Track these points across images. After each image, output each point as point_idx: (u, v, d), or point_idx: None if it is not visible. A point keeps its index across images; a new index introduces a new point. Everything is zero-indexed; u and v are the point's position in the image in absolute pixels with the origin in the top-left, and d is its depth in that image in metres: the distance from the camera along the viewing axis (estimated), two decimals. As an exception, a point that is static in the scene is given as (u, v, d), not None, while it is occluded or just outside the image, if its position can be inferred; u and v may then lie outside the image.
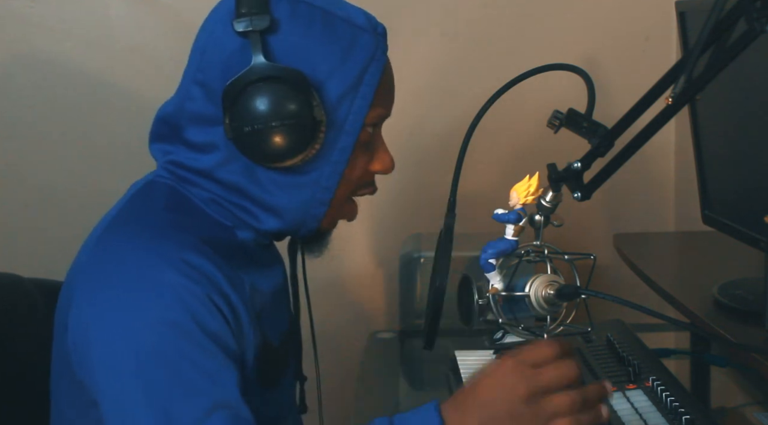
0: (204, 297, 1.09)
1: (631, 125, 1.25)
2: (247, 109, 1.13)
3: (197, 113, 1.20)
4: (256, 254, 1.26)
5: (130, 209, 1.22)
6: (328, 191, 1.21)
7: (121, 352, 1.07)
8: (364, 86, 1.19)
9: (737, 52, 1.13)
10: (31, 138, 2.16)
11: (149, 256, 1.11)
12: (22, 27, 2.12)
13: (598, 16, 2.21)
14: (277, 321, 1.30)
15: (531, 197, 1.29)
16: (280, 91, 1.13)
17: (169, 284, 1.09)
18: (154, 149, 1.27)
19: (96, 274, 1.13)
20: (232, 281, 1.15)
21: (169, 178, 1.24)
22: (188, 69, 1.23)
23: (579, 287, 1.27)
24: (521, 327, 1.31)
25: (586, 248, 2.20)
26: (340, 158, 1.20)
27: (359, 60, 1.19)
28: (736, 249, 1.66)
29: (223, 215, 1.22)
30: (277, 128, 1.13)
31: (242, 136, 1.15)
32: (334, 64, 1.17)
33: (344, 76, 1.18)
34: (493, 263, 1.30)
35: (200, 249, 1.13)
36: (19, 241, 2.17)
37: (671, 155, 2.28)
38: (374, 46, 1.21)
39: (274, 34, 1.16)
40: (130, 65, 2.15)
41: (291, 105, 1.13)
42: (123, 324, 1.08)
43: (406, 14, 2.15)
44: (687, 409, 1.31)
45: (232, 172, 1.20)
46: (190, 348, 1.07)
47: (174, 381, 1.05)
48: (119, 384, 1.07)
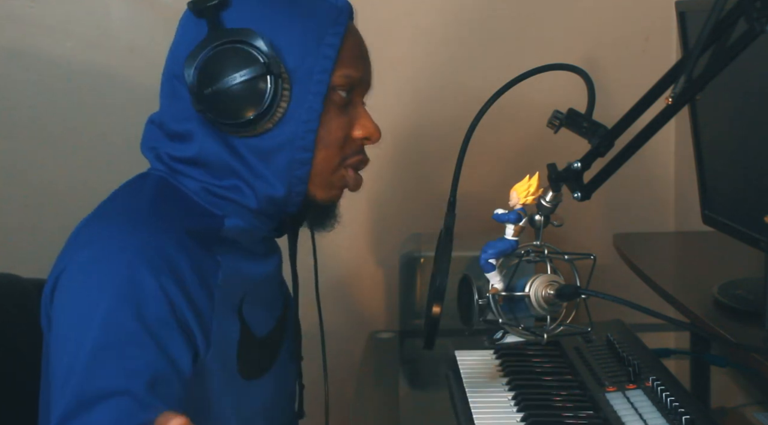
0: (157, 290, 1.11)
1: (631, 125, 1.25)
2: (205, 78, 1.18)
3: (175, 104, 1.24)
4: (246, 242, 1.27)
5: (117, 198, 1.26)
6: (305, 150, 1.23)
7: (67, 324, 1.12)
8: (325, 47, 1.22)
9: (737, 52, 1.13)
10: (31, 138, 2.16)
11: (116, 240, 1.15)
12: (22, 27, 2.12)
13: (598, 16, 2.21)
14: (265, 312, 1.31)
15: (531, 197, 1.29)
16: (234, 52, 1.17)
17: (125, 268, 1.11)
18: (146, 152, 1.30)
19: (74, 252, 1.17)
20: (200, 268, 1.17)
21: (163, 170, 1.26)
22: (164, 70, 1.27)
23: (579, 287, 1.27)
24: (521, 327, 1.31)
25: (586, 248, 2.19)
26: (310, 117, 1.22)
27: (318, 22, 1.22)
28: (736, 249, 1.66)
29: (213, 204, 1.24)
30: (236, 87, 1.17)
31: (205, 103, 1.18)
32: (290, 27, 1.21)
33: (303, 36, 1.21)
34: (493, 263, 1.30)
35: (173, 235, 1.16)
36: (19, 241, 2.17)
37: (671, 155, 2.28)
38: (335, 11, 1.24)
39: (227, 8, 1.20)
40: (130, 65, 2.15)
41: (246, 62, 1.17)
42: (75, 299, 1.13)
43: (406, 14, 2.15)
44: (687, 409, 1.31)
45: (212, 152, 1.22)
46: (119, 329, 1.09)
47: (93, 354, 1.08)
48: (59, 351, 1.12)
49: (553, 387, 1.47)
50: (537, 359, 1.58)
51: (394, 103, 2.16)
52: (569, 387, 1.47)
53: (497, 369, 1.56)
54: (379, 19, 2.15)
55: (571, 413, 1.38)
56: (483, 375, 1.54)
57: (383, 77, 2.20)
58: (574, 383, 1.49)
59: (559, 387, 1.47)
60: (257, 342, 1.29)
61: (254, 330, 1.28)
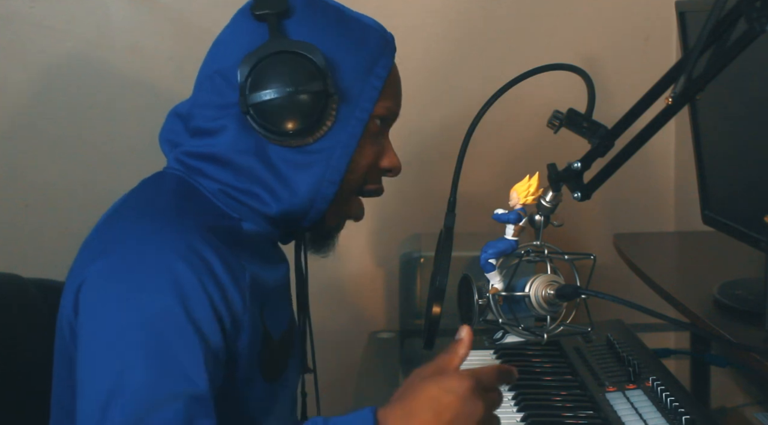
0: (198, 286, 1.11)
1: (631, 125, 1.25)
2: (260, 81, 1.17)
3: (211, 99, 1.23)
4: (261, 247, 1.27)
5: (138, 195, 1.25)
6: (337, 171, 1.23)
7: (107, 327, 1.10)
8: (374, 77, 1.24)
9: (737, 52, 1.13)
10: (31, 138, 2.16)
11: (150, 240, 1.14)
12: (22, 27, 2.12)
13: (598, 16, 2.20)
14: (278, 318, 1.31)
15: (531, 197, 1.29)
16: (292, 64, 1.17)
17: (167, 269, 1.11)
18: (163, 145, 1.30)
19: (99, 256, 1.15)
20: (232, 268, 1.16)
21: (180, 169, 1.26)
22: (204, 66, 1.27)
23: (579, 287, 1.27)
24: (521, 327, 1.31)
25: (586, 248, 2.20)
26: (350, 141, 1.23)
27: (370, 52, 1.24)
28: (736, 249, 1.66)
29: (230, 206, 1.24)
30: (289, 99, 1.17)
31: (255, 108, 1.18)
32: (347, 49, 1.22)
33: (356, 62, 1.23)
34: (493, 263, 1.30)
35: (202, 235, 1.15)
36: (19, 241, 2.16)
37: (671, 155, 2.28)
38: (384, 43, 1.27)
39: (289, 17, 1.21)
40: (130, 65, 2.15)
41: (302, 76, 1.17)
42: (117, 303, 1.10)
43: (406, 13, 2.15)
44: (687, 409, 1.31)
45: (243, 152, 1.22)
46: (173, 334, 1.09)
47: (146, 362, 1.07)
48: (98, 353, 1.09)
49: (553, 387, 1.47)
50: (537, 359, 1.58)
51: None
52: (569, 387, 1.47)
53: (497, 369, 1.56)
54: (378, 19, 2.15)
55: (571, 413, 1.38)
56: (483, 375, 1.54)
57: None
58: (574, 383, 1.49)
59: (559, 387, 1.48)
60: (276, 346, 1.28)
61: (272, 333, 1.27)
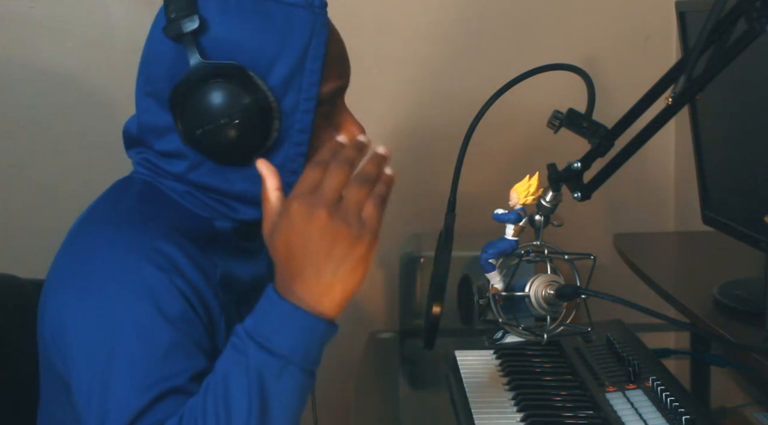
0: (168, 284, 1.11)
1: (631, 125, 1.25)
2: (194, 112, 1.14)
3: (154, 124, 1.21)
4: (236, 243, 1.26)
5: (105, 202, 1.25)
6: (295, 174, 1.19)
7: (89, 341, 1.10)
8: (309, 62, 1.18)
9: (737, 52, 1.13)
10: (31, 138, 2.16)
11: (117, 246, 1.14)
12: (22, 27, 2.12)
13: (598, 16, 2.20)
14: None
15: (531, 197, 1.29)
16: (222, 88, 1.14)
17: (135, 273, 1.11)
18: (129, 152, 1.29)
19: (70, 267, 1.16)
20: (202, 268, 1.16)
21: (146, 174, 1.25)
22: (138, 82, 1.25)
23: (579, 287, 1.27)
24: (521, 327, 1.31)
25: (586, 248, 2.18)
26: (300, 140, 1.19)
27: (299, 38, 1.18)
28: (736, 249, 1.66)
29: (200, 207, 1.23)
30: (228, 125, 1.14)
31: (197, 139, 1.16)
32: (274, 49, 1.17)
33: (286, 59, 1.17)
34: (493, 263, 1.30)
35: (168, 237, 1.15)
36: (18, 241, 2.16)
37: (671, 155, 2.27)
38: (312, 20, 1.19)
39: (206, 32, 1.16)
40: (130, 65, 2.13)
41: (235, 100, 1.14)
42: (93, 314, 1.11)
43: (406, 14, 2.15)
44: (687, 409, 1.31)
45: (201, 174, 1.21)
46: (150, 334, 1.09)
47: (130, 366, 1.07)
48: (85, 368, 1.10)
49: (553, 387, 1.47)
50: (537, 359, 1.58)
51: (394, 104, 2.16)
52: (569, 387, 1.47)
53: (497, 369, 1.56)
54: (378, 19, 2.15)
55: (571, 413, 1.38)
56: (483, 375, 1.54)
57: (383, 77, 2.21)
58: (574, 383, 1.49)
59: (559, 387, 1.47)
60: None
61: None
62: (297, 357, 1.03)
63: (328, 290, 1.03)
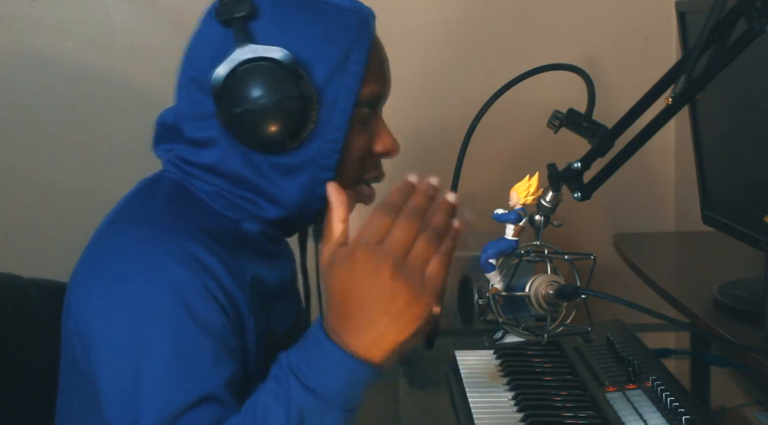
0: (199, 285, 1.11)
1: (631, 125, 1.25)
2: (235, 92, 1.15)
3: (194, 110, 1.21)
4: (263, 246, 1.26)
5: (134, 201, 1.24)
6: (327, 170, 1.20)
7: (117, 340, 1.10)
8: (352, 65, 1.19)
9: (737, 52, 1.13)
10: (31, 138, 2.16)
11: (147, 245, 1.13)
12: (22, 27, 2.12)
13: (598, 16, 2.21)
14: (283, 315, 1.31)
15: (531, 197, 1.29)
16: (266, 71, 1.14)
17: (165, 273, 1.10)
18: (158, 149, 1.29)
19: (98, 263, 1.16)
20: (231, 270, 1.16)
21: (175, 173, 1.25)
22: (181, 72, 1.25)
23: (579, 287, 1.27)
24: (521, 327, 1.31)
25: (586, 248, 2.19)
26: (336, 137, 1.20)
27: (344, 39, 1.19)
28: (736, 249, 1.66)
29: (228, 208, 1.23)
30: (266, 108, 1.14)
31: (234, 120, 1.16)
32: (319, 44, 1.18)
33: (331, 56, 1.18)
34: (493, 263, 1.30)
35: (198, 238, 1.14)
36: (19, 241, 2.17)
37: (671, 155, 2.28)
38: (359, 25, 1.21)
39: (256, 20, 1.17)
40: (130, 65, 2.15)
41: (277, 83, 1.14)
42: (120, 312, 1.10)
43: (406, 14, 2.15)
44: (687, 409, 1.31)
45: (232, 163, 1.21)
46: (181, 338, 1.08)
47: (163, 370, 1.07)
48: (113, 368, 1.09)
49: (553, 387, 1.47)
50: (537, 359, 1.58)
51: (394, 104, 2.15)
52: (569, 387, 1.47)
53: (497, 369, 1.56)
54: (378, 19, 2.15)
55: (571, 413, 1.38)
56: (483, 375, 1.54)
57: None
58: (574, 383, 1.49)
59: (559, 387, 1.47)
60: (275, 343, 1.28)
61: (275, 332, 1.27)
62: (340, 400, 1.02)
63: (379, 342, 1.02)
